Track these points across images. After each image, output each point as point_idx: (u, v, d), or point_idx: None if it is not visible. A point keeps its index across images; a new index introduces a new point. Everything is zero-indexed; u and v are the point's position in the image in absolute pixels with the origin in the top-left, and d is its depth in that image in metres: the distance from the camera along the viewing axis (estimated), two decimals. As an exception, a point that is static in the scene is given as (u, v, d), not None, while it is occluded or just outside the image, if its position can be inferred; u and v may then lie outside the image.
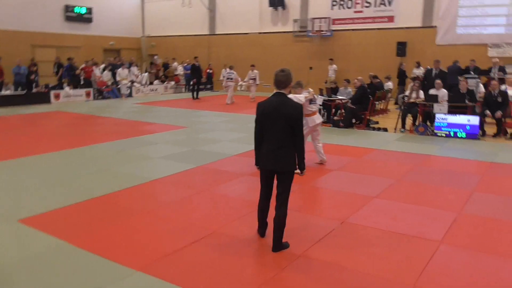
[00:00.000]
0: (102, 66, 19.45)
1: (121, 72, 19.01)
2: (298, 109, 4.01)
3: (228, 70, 17.67)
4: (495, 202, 5.53)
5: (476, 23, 17.17)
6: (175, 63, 23.16)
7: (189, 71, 21.51)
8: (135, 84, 19.73)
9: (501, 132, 9.92)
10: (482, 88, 12.12)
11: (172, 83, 21.85)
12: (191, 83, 18.88)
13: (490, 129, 10.20)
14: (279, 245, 4.09)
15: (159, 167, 7.23)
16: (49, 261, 3.92)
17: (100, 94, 18.37)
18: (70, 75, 18.06)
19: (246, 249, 4.19)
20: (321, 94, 12.17)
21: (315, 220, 4.82)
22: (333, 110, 11.60)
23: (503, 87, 11.16)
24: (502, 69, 14.18)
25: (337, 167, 7.12)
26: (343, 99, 11.49)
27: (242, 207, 5.35)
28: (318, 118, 7.40)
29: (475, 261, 3.95)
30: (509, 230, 4.65)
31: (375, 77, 13.71)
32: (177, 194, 5.83)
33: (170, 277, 3.63)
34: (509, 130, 10.08)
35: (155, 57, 24.34)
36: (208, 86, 22.60)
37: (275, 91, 4.11)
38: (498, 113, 9.80)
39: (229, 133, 10.33)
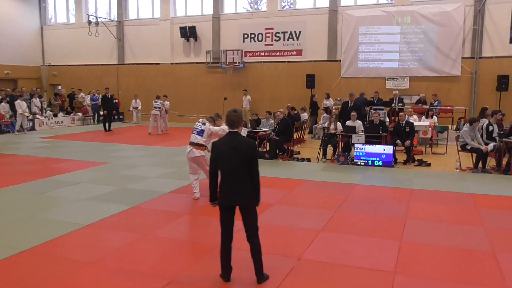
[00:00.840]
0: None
1: (21, 104, 16.87)
2: (253, 146, 4.22)
3: (155, 99, 17.63)
4: (427, 228, 6.00)
5: (374, 58, 18.87)
6: (82, 94, 21.95)
7: (96, 102, 20.57)
8: (37, 116, 18.25)
9: (410, 159, 10.88)
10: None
11: (80, 114, 20.63)
12: (102, 114, 18.01)
13: (401, 157, 11.15)
14: (262, 274, 4.25)
15: (90, 210, 6.71)
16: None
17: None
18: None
19: (213, 297, 4.04)
20: (245, 126, 12.36)
21: (273, 259, 4.80)
22: (257, 141, 11.81)
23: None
24: (401, 100, 15.70)
25: (275, 201, 7.22)
26: (267, 130, 11.78)
27: (194, 250, 5.16)
28: None
29: (429, 288, 4.23)
30: (449, 255, 5.07)
31: (293, 108, 14.30)
32: (119, 240, 5.44)
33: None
34: (416, 157, 11.10)
35: (59, 87, 22.88)
36: (116, 117, 21.68)
37: (230, 130, 4.27)
38: (407, 142, 10.76)
39: (155, 169, 9.97)
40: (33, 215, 6.45)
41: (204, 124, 7.52)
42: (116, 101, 21.27)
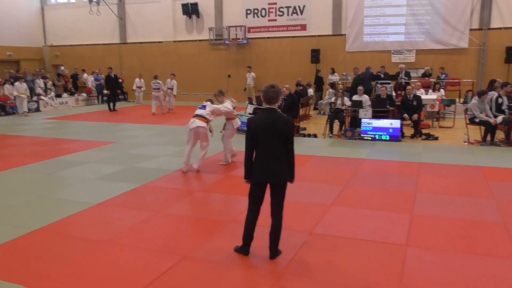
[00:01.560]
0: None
1: (19, 86, 16.73)
2: (290, 124, 4.15)
3: (154, 80, 17.02)
4: (438, 201, 6.00)
5: (380, 32, 18.56)
6: (85, 74, 21.83)
7: (99, 82, 20.46)
8: (42, 98, 18.21)
9: (417, 133, 10.81)
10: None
11: (84, 95, 20.57)
12: (106, 94, 17.93)
13: (408, 131, 11.08)
14: (277, 250, 4.29)
15: (101, 189, 6.74)
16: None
17: (3, 110, 16.70)
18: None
19: (230, 267, 4.06)
20: (251, 103, 12.30)
21: (284, 234, 4.79)
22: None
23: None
24: (407, 74, 15.51)
25: (284, 177, 7.21)
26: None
27: (206, 227, 5.18)
28: (239, 121, 8.67)
29: (442, 260, 4.23)
30: (460, 227, 5.08)
31: (299, 84, 14.17)
32: (131, 218, 5.47)
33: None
34: (423, 131, 11.02)
35: (62, 68, 22.76)
36: (121, 97, 21.63)
37: (266, 106, 4.16)
38: (415, 116, 10.67)
39: (163, 147, 9.97)
40: (43, 195, 6.49)
41: (206, 102, 8.05)
42: (120, 80, 21.19)
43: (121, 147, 10.08)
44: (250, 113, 11.91)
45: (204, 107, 7.84)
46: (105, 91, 18.33)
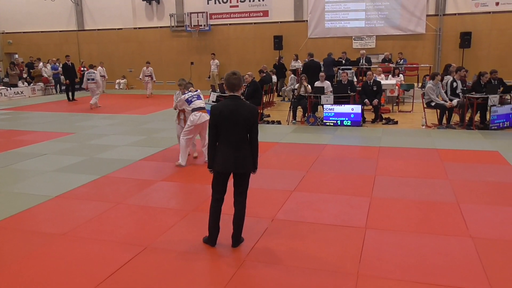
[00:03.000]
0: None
1: None
2: (254, 112, 4.09)
3: (90, 70, 15.52)
4: (396, 183, 6.17)
5: (341, 18, 18.75)
6: (41, 63, 20.98)
7: (57, 71, 19.74)
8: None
9: (378, 118, 11.05)
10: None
11: (41, 84, 19.80)
12: (65, 83, 17.31)
13: (369, 116, 11.31)
14: (239, 238, 4.29)
15: (58, 181, 6.54)
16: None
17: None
18: None
19: (193, 257, 4.04)
20: (214, 91, 12.20)
21: (247, 221, 4.80)
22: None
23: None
24: (368, 60, 15.79)
25: (247, 164, 7.23)
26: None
27: (168, 216, 5.13)
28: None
29: (400, 241, 4.36)
30: (417, 208, 5.25)
31: (261, 70, 14.15)
32: (91, 210, 5.35)
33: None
34: (384, 116, 11.28)
35: (16, 56, 21.79)
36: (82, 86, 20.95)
37: (230, 94, 4.07)
38: (375, 101, 10.89)
39: (124, 137, 9.76)
40: (-3, 189, 6.24)
41: (197, 91, 7.65)
42: (85, 69, 20.49)
43: (81, 137, 9.80)
44: (213, 101, 11.80)
45: (199, 96, 7.49)
46: (64, 81, 17.65)
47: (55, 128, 11.07)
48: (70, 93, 17.09)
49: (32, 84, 19.61)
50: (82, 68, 20.61)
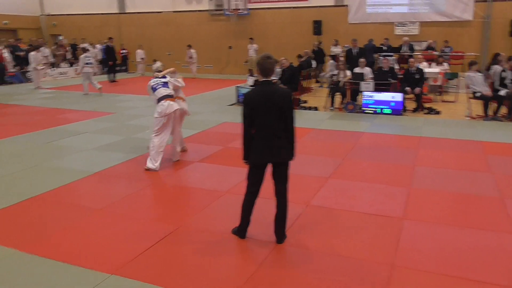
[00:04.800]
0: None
1: (36, 56, 15.48)
2: (289, 97, 3.86)
3: (87, 54, 14.62)
4: (436, 174, 5.96)
5: (383, 2, 18.15)
6: (86, 44, 21.52)
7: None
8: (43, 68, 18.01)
9: (419, 107, 10.70)
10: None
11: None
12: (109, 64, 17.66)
13: (410, 105, 10.96)
14: (284, 233, 4.06)
15: (97, 158, 6.72)
16: (4, 275, 3.46)
17: (2, 80, 16.54)
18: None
19: (225, 237, 4.06)
20: (252, 75, 12.15)
21: (281, 206, 4.81)
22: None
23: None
24: (410, 47, 15.25)
25: (282, 149, 7.17)
26: (274, 79, 11.54)
27: (202, 197, 5.17)
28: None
29: (438, 234, 4.21)
30: (456, 200, 5.06)
31: (300, 56, 13.95)
32: (128, 188, 5.46)
33: (149, 277, 3.40)
34: (425, 105, 10.91)
35: (60, 37, 22.42)
36: (123, 68, 21.43)
37: (262, 79, 3.83)
38: (417, 89, 10.53)
39: (161, 118, 9.87)
40: (40, 164, 6.47)
41: (164, 77, 6.53)
42: (126, 51, 20.91)
43: (120, 117, 10.01)
44: (251, 85, 11.78)
45: (166, 84, 6.38)
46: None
47: (96, 107, 11.36)
48: (111, 74, 17.44)
49: (75, 65, 20.15)
50: (122, 50, 21.03)
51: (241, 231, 4.10)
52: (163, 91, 6.25)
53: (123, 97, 13.28)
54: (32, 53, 15.53)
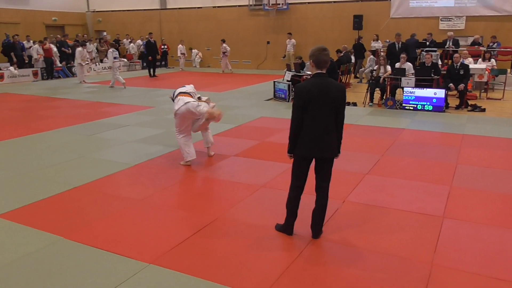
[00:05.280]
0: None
1: (81, 52, 16.17)
2: (344, 91, 3.81)
3: (111, 48, 15.50)
4: (479, 174, 5.75)
5: (427, -4, 17.63)
6: (128, 40, 22.16)
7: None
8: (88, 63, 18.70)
9: (463, 104, 10.33)
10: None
11: (125, 60, 20.92)
12: (149, 59, 18.06)
13: (453, 101, 10.61)
14: (321, 229, 4.04)
15: (138, 151, 6.90)
16: (49, 260, 3.62)
17: (50, 74, 17.25)
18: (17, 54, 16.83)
19: (262, 230, 4.08)
20: (289, 70, 12.11)
21: (317, 201, 4.78)
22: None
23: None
24: (455, 42, 14.73)
25: (320, 145, 7.12)
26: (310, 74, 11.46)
27: (238, 190, 5.21)
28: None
29: (479, 234, 4.07)
30: (502, 201, 4.85)
31: (339, 50, 13.77)
32: (167, 180, 5.58)
33: (186, 268, 3.46)
34: (469, 102, 10.52)
35: (104, 33, 23.13)
36: (163, 63, 21.87)
37: (317, 71, 3.69)
38: (461, 86, 10.17)
39: (199, 113, 10.01)
40: (84, 155, 6.71)
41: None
42: (166, 47, 21.32)
43: (160, 111, 10.23)
44: (288, 80, 11.74)
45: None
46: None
47: (137, 101, 11.65)
48: (151, 69, 17.82)
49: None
50: (162, 46, 21.44)
51: (288, 228, 4.03)
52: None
53: (162, 92, 13.54)
54: (78, 48, 16.15)
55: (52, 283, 3.29)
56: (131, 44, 21.96)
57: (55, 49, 17.76)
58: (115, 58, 14.80)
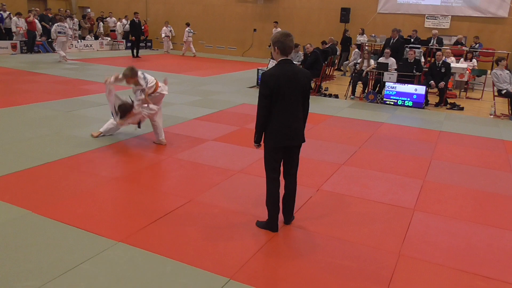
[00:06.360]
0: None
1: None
2: (309, 77, 3.79)
3: (60, 23, 15.25)
4: (453, 169, 5.85)
5: (415, -6, 17.73)
6: (113, 18, 21.69)
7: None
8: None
9: (442, 102, 10.48)
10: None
11: (108, 39, 20.52)
12: (132, 39, 17.76)
13: (432, 99, 10.75)
14: (292, 214, 4.05)
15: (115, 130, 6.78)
16: (15, 233, 3.55)
17: (30, 48, 16.81)
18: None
19: (233, 215, 4.08)
20: (273, 58, 12.05)
21: (292, 188, 4.80)
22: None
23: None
24: (439, 41, 14.89)
25: (299, 134, 7.13)
26: (296, 63, 11.43)
27: (214, 175, 5.19)
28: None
29: (448, 227, 4.15)
30: (473, 197, 4.96)
31: (324, 42, 13.78)
32: (144, 160, 5.52)
33: (155, 247, 3.44)
34: (449, 100, 10.67)
35: (88, 10, 22.62)
36: (148, 44, 21.54)
37: (279, 58, 3.63)
38: (442, 83, 10.31)
39: (181, 96, 9.93)
40: (60, 131, 6.59)
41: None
42: (144, 28, 20.94)
43: (140, 92, 10.07)
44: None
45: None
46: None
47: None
48: (134, 50, 17.53)
49: (100, 38, 20.33)
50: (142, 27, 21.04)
51: (273, 225, 3.86)
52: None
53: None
54: (58, 23, 15.71)
55: (16, 256, 3.23)
56: (118, 23, 21.49)
57: (37, 23, 17.27)
58: (59, 32, 14.85)
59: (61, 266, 3.12)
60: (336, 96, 10.92)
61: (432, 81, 10.38)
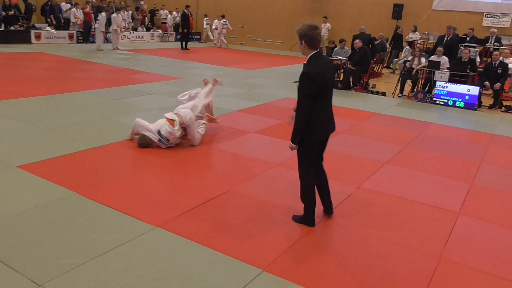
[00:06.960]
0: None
1: (117, 18, 16.28)
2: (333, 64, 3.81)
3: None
4: (503, 175, 5.56)
5: (474, -10, 16.94)
6: (166, 11, 22.18)
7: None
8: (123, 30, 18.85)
9: (497, 104, 9.96)
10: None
11: (159, 31, 21.01)
12: (184, 32, 18.05)
13: (486, 100, 10.25)
14: (331, 205, 4.05)
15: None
16: (60, 212, 3.71)
17: (86, 38, 17.50)
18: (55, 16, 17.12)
19: (271, 207, 4.07)
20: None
21: (332, 184, 4.71)
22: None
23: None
24: (498, 40, 14.15)
25: (343, 130, 7.00)
26: (343, 59, 11.25)
27: (253, 166, 5.20)
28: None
29: (494, 234, 3.95)
30: (523, 204, 4.69)
31: (374, 38, 13.44)
32: (184, 150, 5.62)
33: (190, 234, 3.49)
34: (504, 103, 10.14)
35: (141, 2, 23.23)
36: (197, 37, 21.87)
37: (312, 52, 3.48)
38: (497, 85, 9.79)
39: (225, 88, 9.94)
40: (108, 118, 6.82)
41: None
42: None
43: (186, 83, 10.25)
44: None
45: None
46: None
47: (166, 72, 11.72)
48: (184, 42, 17.85)
49: (152, 30, 20.85)
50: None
51: (309, 219, 3.82)
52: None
53: (191, 64, 13.61)
54: (113, 15, 16.25)
55: (59, 234, 3.37)
56: (169, 15, 21.95)
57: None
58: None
59: (100, 247, 3.23)
60: (384, 94, 10.64)
61: (487, 82, 9.88)
